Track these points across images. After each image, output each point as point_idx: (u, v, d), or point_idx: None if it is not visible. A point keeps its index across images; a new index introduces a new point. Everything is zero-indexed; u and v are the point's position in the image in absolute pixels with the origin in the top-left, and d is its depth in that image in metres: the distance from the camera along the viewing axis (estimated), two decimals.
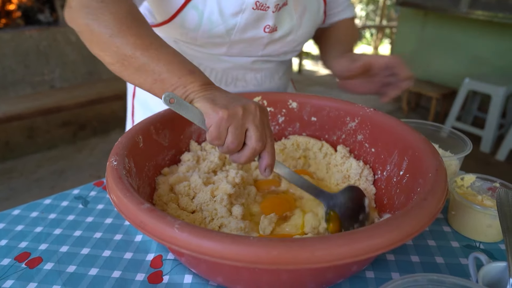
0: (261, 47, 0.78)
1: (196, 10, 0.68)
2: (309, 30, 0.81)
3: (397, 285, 0.36)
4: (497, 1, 2.82)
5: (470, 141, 0.71)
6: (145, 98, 0.88)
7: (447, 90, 3.41)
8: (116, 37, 0.53)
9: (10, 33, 2.80)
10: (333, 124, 0.74)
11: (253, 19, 0.71)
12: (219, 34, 0.70)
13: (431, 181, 0.46)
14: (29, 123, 2.91)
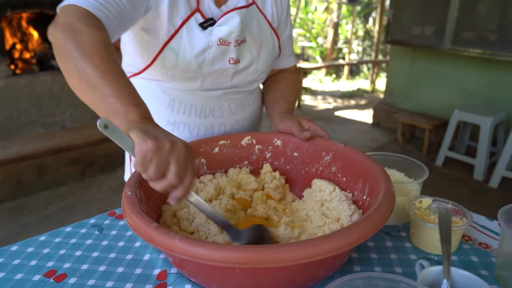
0: (229, 78, 0.92)
1: (172, 50, 0.84)
2: (268, 61, 0.97)
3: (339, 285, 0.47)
4: (477, 38, 3.02)
5: (428, 168, 0.83)
6: None
7: (439, 121, 3.55)
8: (85, 56, 0.61)
9: (26, 78, 3.01)
10: (312, 158, 0.87)
11: (219, 53, 0.87)
12: (193, 69, 0.86)
13: (379, 201, 0.58)
14: (40, 161, 3.06)
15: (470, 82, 3.45)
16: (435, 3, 3.32)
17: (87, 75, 0.61)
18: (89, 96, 0.62)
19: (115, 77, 0.61)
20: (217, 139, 0.89)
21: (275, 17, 0.98)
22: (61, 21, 0.66)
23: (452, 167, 3.35)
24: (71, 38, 0.63)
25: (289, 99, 1.01)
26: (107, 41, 0.65)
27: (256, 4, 0.94)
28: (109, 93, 0.60)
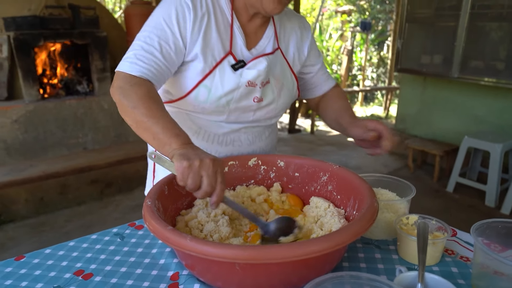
0: (252, 113, 1.04)
1: (206, 87, 0.96)
2: (287, 100, 1.09)
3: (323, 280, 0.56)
4: (485, 66, 3.10)
5: (415, 187, 0.92)
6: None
7: (449, 147, 3.59)
8: (135, 109, 0.82)
9: (53, 102, 3.22)
10: (311, 178, 0.97)
11: (246, 93, 0.98)
12: (222, 104, 0.98)
13: (362, 213, 0.67)
14: (62, 180, 3.22)
15: (480, 109, 3.50)
16: (442, 34, 3.43)
17: (140, 122, 0.82)
18: (145, 136, 0.83)
19: (159, 119, 0.81)
20: (227, 160, 1.00)
21: (296, 61, 1.10)
22: (115, 85, 0.87)
23: (464, 193, 3.36)
24: (124, 97, 0.84)
25: (347, 108, 1.11)
26: (148, 93, 0.85)
27: (280, 49, 1.05)
28: (157, 132, 0.79)
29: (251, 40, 1.01)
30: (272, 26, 1.05)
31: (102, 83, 3.48)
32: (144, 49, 0.89)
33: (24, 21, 3.09)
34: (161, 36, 0.90)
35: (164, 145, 0.78)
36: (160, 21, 0.91)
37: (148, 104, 0.83)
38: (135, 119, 0.83)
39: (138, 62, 0.88)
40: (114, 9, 9.56)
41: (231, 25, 0.97)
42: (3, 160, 3.09)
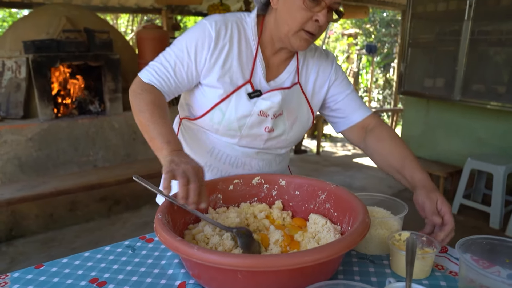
0: (262, 142, 1.11)
1: (221, 110, 1.04)
2: (298, 133, 1.14)
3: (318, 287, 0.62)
4: (486, 90, 3.17)
5: (407, 205, 0.97)
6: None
7: (453, 169, 3.62)
8: (141, 112, 0.95)
9: (66, 121, 3.34)
10: (310, 196, 1.03)
11: (257, 122, 1.06)
12: (234, 128, 1.05)
13: (353, 228, 0.73)
14: (72, 197, 3.31)
15: (482, 131, 3.54)
16: (444, 58, 3.52)
17: (143, 124, 0.95)
18: (145, 137, 0.95)
19: (158, 125, 0.93)
20: (232, 178, 1.07)
21: (316, 96, 1.14)
22: (132, 88, 1.02)
23: (468, 215, 3.37)
24: (135, 100, 0.99)
25: (411, 158, 1.04)
26: (155, 100, 0.98)
27: (300, 84, 1.11)
28: (153, 136, 0.92)
29: (272, 72, 1.08)
30: (295, 61, 1.10)
31: (114, 103, 3.60)
32: (162, 63, 1.02)
33: (42, 44, 3.25)
34: (178, 56, 1.02)
35: (157, 149, 0.90)
36: (183, 43, 1.02)
37: (152, 110, 0.95)
38: (140, 121, 0.96)
39: (152, 72, 1.01)
40: (126, 31, 9.87)
41: (255, 57, 1.04)
42: (16, 177, 3.19)
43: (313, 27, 0.96)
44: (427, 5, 3.56)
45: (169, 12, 6.14)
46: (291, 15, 0.96)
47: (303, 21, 0.96)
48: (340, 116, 1.18)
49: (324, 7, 0.94)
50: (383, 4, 6.72)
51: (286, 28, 0.98)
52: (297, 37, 0.98)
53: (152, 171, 3.16)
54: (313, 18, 0.95)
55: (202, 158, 1.13)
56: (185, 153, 0.89)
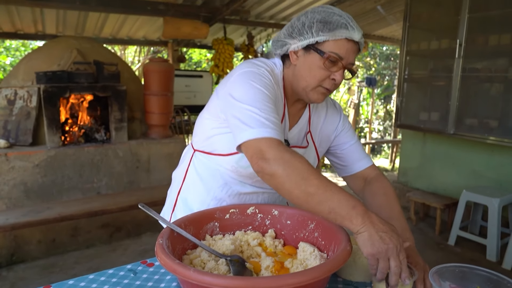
0: None
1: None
2: None
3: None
4: (478, 124, 3.27)
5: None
6: (186, 196, 1.28)
7: (450, 200, 3.67)
8: (306, 180, 0.82)
9: (72, 149, 3.46)
10: (300, 226, 1.11)
11: None
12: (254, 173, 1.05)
13: (335, 255, 0.81)
14: (74, 223, 3.37)
15: (477, 164, 3.62)
16: (438, 93, 3.66)
17: (312, 194, 0.82)
18: (318, 209, 0.84)
19: (332, 191, 0.82)
20: (229, 208, 1.15)
21: (323, 143, 1.24)
22: (271, 157, 0.86)
23: (465, 247, 3.40)
24: (289, 168, 0.84)
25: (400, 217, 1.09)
26: (307, 160, 0.88)
27: (311, 132, 1.19)
28: (333, 206, 0.81)
29: (290, 121, 1.16)
30: (307, 111, 1.19)
31: (119, 132, 3.73)
32: (269, 115, 0.92)
33: (53, 75, 3.42)
34: (269, 101, 0.96)
35: (343, 219, 0.81)
36: (260, 89, 0.97)
37: (317, 174, 0.83)
38: (306, 191, 0.82)
39: (273, 128, 0.90)
40: (133, 61, 10.19)
41: (284, 106, 1.11)
42: (21, 202, 3.27)
43: (330, 84, 1.05)
44: (420, 43, 3.74)
45: (175, 44, 6.40)
46: (311, 73, 1.03)
47: (321, 79, 1.04)
48: (343, 164, 1.26)
49: (341, 67, 1.03)
50: (382, 39, 6.97)
51: (304, 84, 1.06)
52: (314, 92, 1.06)
53: (155, 199, 3.24)
54: (330, 76, 1.03)
55: (212, 192, 1.20)
56: (374, 215, 0.82)
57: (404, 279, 0.79)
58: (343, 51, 1.01)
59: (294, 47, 1.06)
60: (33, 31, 5.69)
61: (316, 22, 1.01)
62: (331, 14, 1.02)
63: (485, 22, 3.22)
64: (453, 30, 3.30)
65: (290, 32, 1.07)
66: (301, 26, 1.04)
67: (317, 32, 1.01)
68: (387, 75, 10.56)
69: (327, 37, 1.00)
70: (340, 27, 1.00)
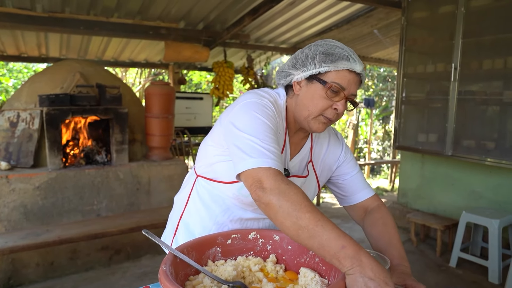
0: None
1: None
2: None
3: None
4: (476, 145, 3.31)
5: (389, 259, 1.07)
6: (188, 221, 1.29)
7: (450, 222, 3.67)
8: (298, 211, 0.82)
9: (73, 171, 3.47)
10: (301, 251, 1.13)
11: None
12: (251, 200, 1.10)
13: (335, 281, 0.83)
14: (73, 246, 3.35)
15: (476, 185, 3.64)
16: (435, 115, 3.72)
17: (304, 228, 0.82)
18: (308, 243, 0.83)
19: (323, 227, 0.81)
20: (231, 233, 1.16)
21: (324, 173, 1.26)
22: (268, 186, 0.87)
23: (467, 268, 3.37)
24: (284, 198, 0.84)
25: (395, 244, 1.12)
26: (303, 192, 0.88)
27: (312, 162, 1.21)
28: (323, 243, 0.80)
29: (292, 151, 1.18)
30: (309, 141, 1.21)
31: (120, 154, 3.75)
32: (270, 146, 0.94)
33: (56, 98, 3.47)
34: (270, 132, 0.98)
35: (332, 258, 0.80)
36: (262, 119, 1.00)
37: (311, 207, 0.83)
38: (297, 223, 0.82)
39: (274, 159, 0.91)
40: (134, 82, 10.31)
41: (285, 136, 1.13)
42: (21, 224, 3.26)
43: (332, 114, 1.07)
44: (417, 66, 3.82)
45: (176, 67, 6.51)
46: (313, 102, 1.06)
47: (323, 108, 1.06)
48: (344, 194, 1.28)
49: (343, 97, 1.05)
50: (379, 61, 7.10)
51: (306, 113, 1.08)
52: (316, 121, 1.08)
53: (155, 221, 3.23)
54: (332, 106, 1.06)
55: (214, 217, 1.22)
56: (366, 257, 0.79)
57: None
58: (345, 81, 1.04)
59: (298, 77, 1.10)
60: (37, 54, 5.80)
61: (319, 53, 1.05)
62: (333, 47, 1.06)
63: (479, 47, 3.31)
64: (448, 54, 3.38)
65: (294, 63, 1.11)
66: (305, 58, 1.08)
67: (319, 63, 1.04)
68: (385, 96, 10.69)
69: (329, 68, 1.03)
70: (342, 58, 1.03)
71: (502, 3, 3.14)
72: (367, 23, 4.93)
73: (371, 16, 4.68)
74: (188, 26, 4.75)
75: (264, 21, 4.70)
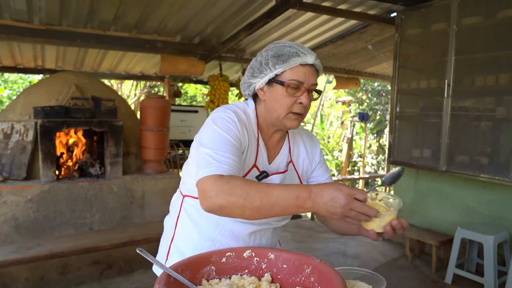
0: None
1: None
2: None
3: None
4: (469, 161, 3.33)
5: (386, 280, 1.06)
6: (179, 243, 1.28)
7: (445, 237, 3.66)
8: (248, 198, 0.90)
9: (66, 184, 3.44)
10: (296, 270, 1.11)
11: None
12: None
13: None
14: (64, 260, 3.29)
15: (470, 200, 3.65)
16: (429, 130, 3.74)
17: (260, 207, 0.91)
18: (273, 213, 0.93)
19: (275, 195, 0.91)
20: (225, 251, 1.15)
21: (305, 173, 1.30)
22: (212, 193, 0.93)
23: (463, 285, 3.36)
24: (231, 196, 0.92)
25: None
26: (243, 179, 0.96)
27: (293, 162, 1.26)
28: (282, 205, 0.91)
29: (270, 154, 1.22)
30: (287, 142, 1.27)
31: (114, 167, 3.73)
32: (221, 155, 1.01)
33: (51, 110, 3.46)
34: (227, 143, 1.04)
35: (297, 210, 0.90)
36: (221, 133, 1.06)
37: (257, 187, 0.92)
38: (253, 207, 0.91)
39: (221, 165, 0.98)
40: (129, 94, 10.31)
41: (257, 143, 1.18)
42: (11, 238, 3.21)
43: (299, 109, 1.13)
44: (410, 82, 3.86)
45: (171, 80, 6.53)
46: (278, 103, 1.13)
47: (289, 105, 1.12)
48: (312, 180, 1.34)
49: (304, 90, 1.12)
50: (373, 76, 7.18)
51: (276, 114, 1.14)
52: (287, 119, 1.14)
53: (148, 235, 3.19)
54: (297, 101, 1.12)
55: (205, 233, 1.21)
56: (314, 189, 0.89)
57: (375, 214, 0.88)
58: (301, 75, 1.10)
59: (259, 84, 1.16)
60: (33, 66, 5.80)
61: (270, 58, 1.12)
62: (281, 47, 1.12)
63: (471, 64, 3.35)
64: (441, 71, 3.43)
65: (252, 72, 1.18)
66: (259, 65, 1.15)
67: (273, 66, 1.11)
68: (379, 110, 10.77)
69: (283, 68, 1.10)
70: (292, 56, 1.10)
71: (492, 22, 3.20)
72: (361, 39, 5.00)
73: (365, 32, 4.75)
74: (184, 40, 4.78)
75: (260, 35, 4.75)
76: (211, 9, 3.81)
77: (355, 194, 0.88)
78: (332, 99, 11.85)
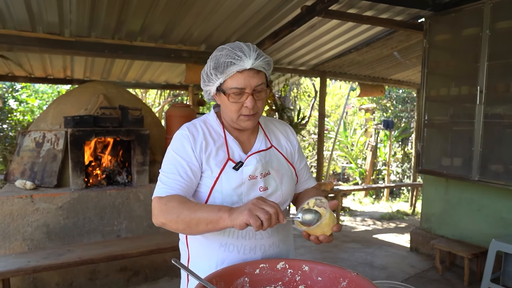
0: None
1: (218, 191, 1.18)
2: (289, 186, 1.29)
3: None
4: (504, 170, 3.20)
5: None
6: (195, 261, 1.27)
7: (478, 249, 3.52)
8: (179, 215, 1.05)
9: (95, 191, 3.51)
10: (332, 283, 1.09)
11: (251, 185, 1.20)
12: (235, 201, 1.17)
13: None
14: (93, 266, 3.35)
15: (506, 211, 3.50)
16: (460, 138, 3.63)
17: (190, 222, 1.05)
18: (201, 229, 1.05)
19: (200, 211, 1.05)
20: (259, 262, 1.14)
21: (289, 152, 1.35)
22: (155, 213, 1.12)
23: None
24: (168, 215, 1.08)
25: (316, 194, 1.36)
26: (180, 199, 1.10)
27: (274, 146, 1.32)
28: (206, 219, 1.03)
29: (246, 146, 1.27)
30: (261, 131, 1.32)
31: (141, 175, 3.78)
32: (168, 177, 1.16)
33: (80, 119, 3.55)
34: (177, 164, 1.17)
35: (218, 221, 1.01)
36: (173, 154, 1.19)
37: (188, 206, 1.06)
38: (184, 222, 1.05)
39: (165, 187, 1.13)
40: (153, 103, 10.51)
41: (225, 138, 1.25)
42: (43, 243, 3.29)
43: (247, 111, 1.17)
44: (440, 89, 3.76)
45: (195, 89, 6.61)
46: (228, 109, 1.19)
47: (237, 110, 1.18)
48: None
49: (248, 95, 1.15)
50: (398, 83, 7.05)
51: (229, 118, 1.22)
52: (240, 120, 1.20)
53: (174, 243, 3.21)
54: (244, 105, 1.17)
55: (216, 240, 1.21)
56: (235, 208, 1.01)
57: (282, 220, 0.97)
58: (241, 82, 1.14)
59: (212, 91, 1.23)
60: (62, 76, 6.00)
61: (212, 69, 1.17)
62: (219, 56, 1.16)
63: (505, 69, 3.24)
64: (473, 77, 3.32)
65: (203, 80, 1.24)
66: (206, 76, 1.22)
67: (216, 78, 1.17)
68: (404, 118, 10.55)
69: (223, 78, 1.16)
70: (228, 66, 1.13)
71: None
72: (387, 45, 4.93)
73: (391, 39, 4.67)
74: (209, 49, 4.83)
75: (284, 43, 4.75)
76: (236, 18, 3.84)
77: (265, 201, 1.00)
78: (355, 107, 11.70)
